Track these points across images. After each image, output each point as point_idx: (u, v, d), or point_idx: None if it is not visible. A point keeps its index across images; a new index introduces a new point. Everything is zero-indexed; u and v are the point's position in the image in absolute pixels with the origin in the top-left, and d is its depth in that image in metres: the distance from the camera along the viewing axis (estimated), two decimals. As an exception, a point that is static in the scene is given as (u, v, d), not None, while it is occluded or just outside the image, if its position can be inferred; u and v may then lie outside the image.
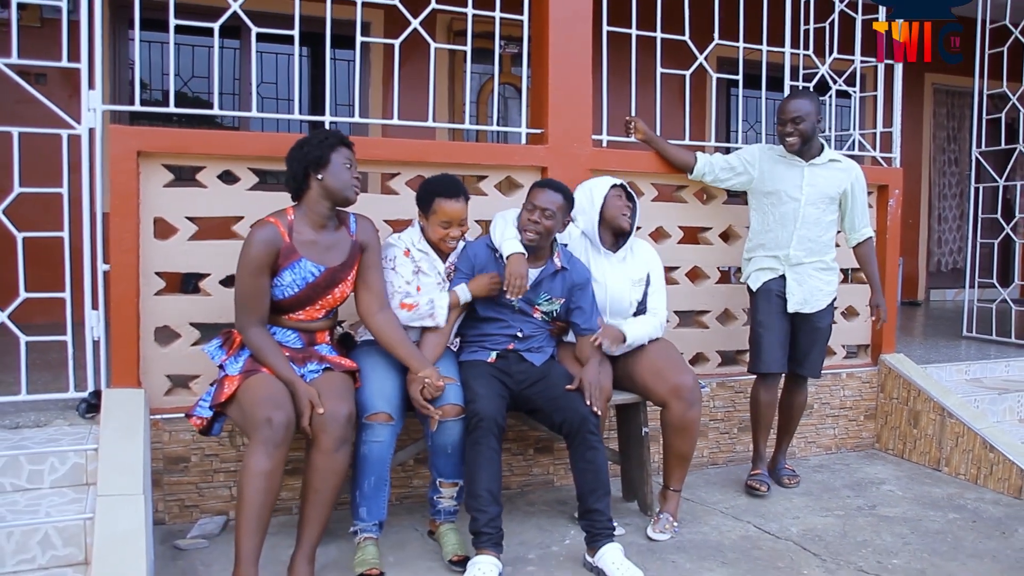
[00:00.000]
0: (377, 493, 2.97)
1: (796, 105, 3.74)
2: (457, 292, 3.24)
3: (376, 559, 2.93)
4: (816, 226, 3.84)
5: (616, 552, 2.95)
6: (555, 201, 3.23)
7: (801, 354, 3.95)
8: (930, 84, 8.88)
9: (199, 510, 3.42)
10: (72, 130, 3.20)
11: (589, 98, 4.01)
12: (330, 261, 2.96)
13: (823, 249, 3.89)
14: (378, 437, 2.91)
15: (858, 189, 3.91)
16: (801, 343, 3.94)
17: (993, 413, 4.64)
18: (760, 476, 3.97)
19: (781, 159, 3.89)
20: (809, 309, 3.87)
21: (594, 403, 3.11)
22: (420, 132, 4.31)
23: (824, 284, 3.90)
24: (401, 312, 3.15)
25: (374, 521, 2.99)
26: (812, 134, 3.76)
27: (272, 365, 2.81)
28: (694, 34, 4.26)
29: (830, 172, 3.87)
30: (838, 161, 3.90)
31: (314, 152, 2.90)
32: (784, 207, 3.85)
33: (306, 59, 6.70)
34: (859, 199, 3.92)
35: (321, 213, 2.96)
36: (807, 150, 3.82)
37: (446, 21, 6.49)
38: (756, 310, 3.94)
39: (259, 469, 2.60)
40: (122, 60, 6.13)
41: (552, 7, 3.90)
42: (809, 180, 3.83)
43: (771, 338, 3.86)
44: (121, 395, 3.20)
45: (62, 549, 2.69)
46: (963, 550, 3.33)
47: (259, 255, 2.84)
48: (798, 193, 3.82)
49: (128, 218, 3.24)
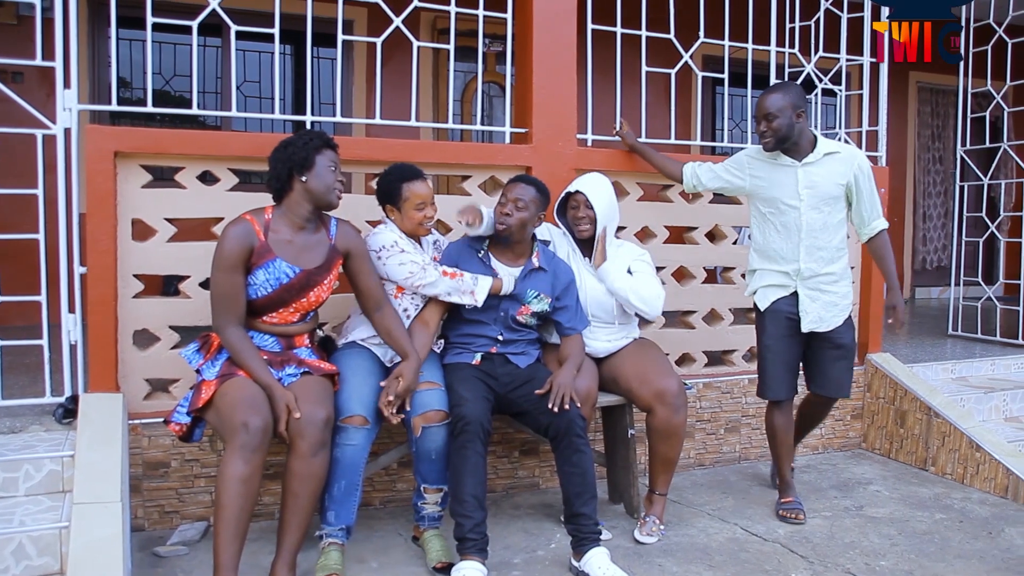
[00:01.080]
0: (347, 498, 2.91)
1: (768, 101, 3.38)
2: (503, 280, 3.22)
3: (339, 565, 2.87)
4: (824, 232, 3.48)
5: (602, 556, 2.92)
6: (527, 193, 3.22)
7: (821, 374, 3.64)
8: (915, 82, 8.90)
9: (179, 516, 3.37)
10: (47, 130, 3.15)
11: (574, 97, 3.98)
12: (306, 263, 2.92)
13: (835, 256, 3.52)
14: (352, 440, 2.87)
15: (862, 179, 3.49)
16: (822, 362, 3.62)
17: (979, 412, 4.64)
18: (791, 504, 3.64)
19: (773, 162, 3.54)
20: (826, 327, 3.53)
21: (555, 406, 3.05)
22: (404, 131, 4.27)
23: (839, 298, 3.54)
24: (444, 280, 3.12)
25: (341, 526, 2.92)
26: (789, 131, 3.39)
27: (249, 368, 2.77)
28: (679, 32, 4.23)
29: (827, 168, 3.48)
30: (835, 153, 3.50)
31: (299, 154, 2.86)
32: (784, 216, 3.50)
33: (288, 57, 6.63)
34: (865, 189, 3.51)
35: (301, 215, 2.91)
36: (796, 148, 3.47)
37: (429, 19, 6.46)
38: (763, 332, 3.63)
39: (236, 475, 2.56)
40: (101, 58, 6.04)
41: (536, 5, 3.87)
42: (805, 182, 3.46)
43: (778, 363, 3.57)
44: (99, 400, 3.15)
45: (37, 559, 2.64)
46: (950, 551, 3.32)
47: (232, 252, 2.80)
48: (796, 199, 3.47)
49: (105, 220, 3.19)
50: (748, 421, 4.47)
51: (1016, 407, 4.81)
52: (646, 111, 4.22)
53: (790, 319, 3.54)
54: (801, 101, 3.39)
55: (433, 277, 3.10)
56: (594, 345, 3.51)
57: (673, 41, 4.24)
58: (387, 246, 3.12)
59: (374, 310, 3.07)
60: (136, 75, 6.31)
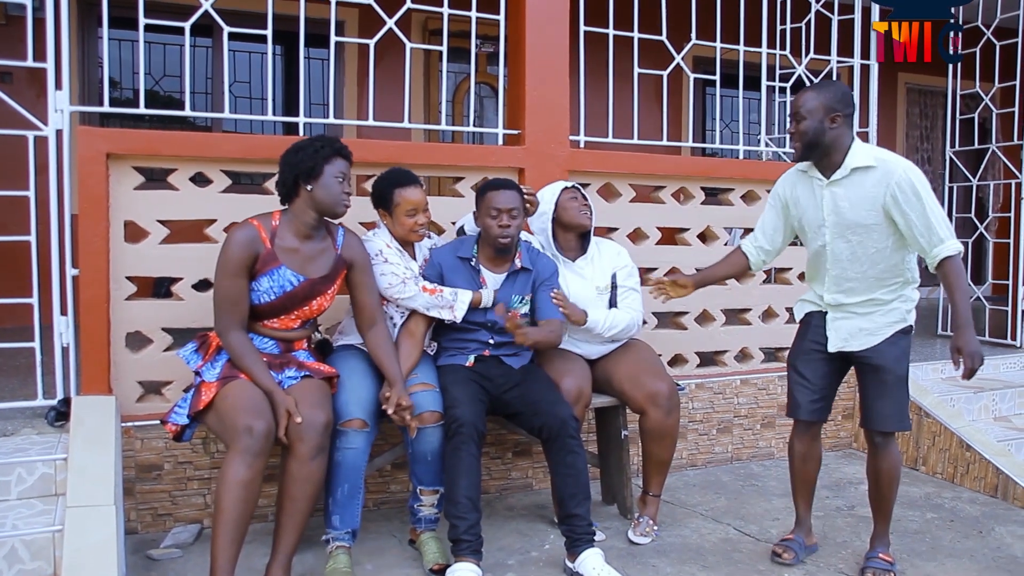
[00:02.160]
0: (350, 501, 2.92)
1: (800, 99, 2.91)
2: (483, 294, 3.21)
3: (348, 567, 2.88)
4: (854, 263, 2.95)
5: (596, 557, 2.92)
6: (515, 199, 3.22)
7: (865, 403, 3.06)
8: (903, 84, 8.94)
9: (172, 519, 3.36)
10: (39, 131, 3.14)
11: (566, 99, 3.98)
12: (311, 272, 2.90)
13: (874, 285, 2.97)
14: (352, 444, 2.87)
15: (904, 199, 2.79)
16: (864, 388, 3.07)
17: (969, 412, 4.66)
18: (787, 542, 3.23)
19: (805, 177, 3.06)
20: (857, 347, 3.01)
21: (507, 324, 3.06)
22: (396, 133, 4.27)
23: (869, 323, 2.99)
24: (422, 296, 3.11)
25: (347, 529, 2.93)
26: (817, 137, 2.87)
27: (251, 372, 2.76)
28: (671, 34, 4.25)
29: (857, 187, 2.88)
30: (869, 168, 2.86)
31: (307, 162, 2.83)
32: (814, 244, 3.06)
33: (279, 58, 6.62)
34: (913, 211, 2.80)
35: (307, 223, 2.89)
36: (827, 161, 2.92)
37: (421, 20, 6.44)
38: (793, 344, 3.24)
39: (238, 479, 2.54)
40: (91, 59, 6.02)
41: (529, 7, 3.87)
42: (830, 206, 2.94)
43: (797, 379, 3.16)
44: (91, 402, 3.14)
45: (30, 563, 2.63)
46: (941, 550, 3.34)
47: (236, 257, 2.78)
48: (820, 225, 2.99)
49: (98, 221, 3.18)
50: (740, 422, 4.49)
51: (1005, 407, 4.85)
52: (638, 112, 4.23)
53: (820, 333, 3.11)
54: (839, 103, 2.86)
55: (412, 292, 3.11)
56: (585, 347, 3.52)
57: (665, 43, 4.25)
58: (373, 254, 3.13)
59: (367, 327, 3.05)
60: (125, 75, 6.27)
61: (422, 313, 3.17)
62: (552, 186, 3.54)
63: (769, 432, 4.57)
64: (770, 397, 4.55)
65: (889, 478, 3.09)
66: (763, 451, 4.56)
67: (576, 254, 3.55)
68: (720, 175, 4.52)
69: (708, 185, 4.49)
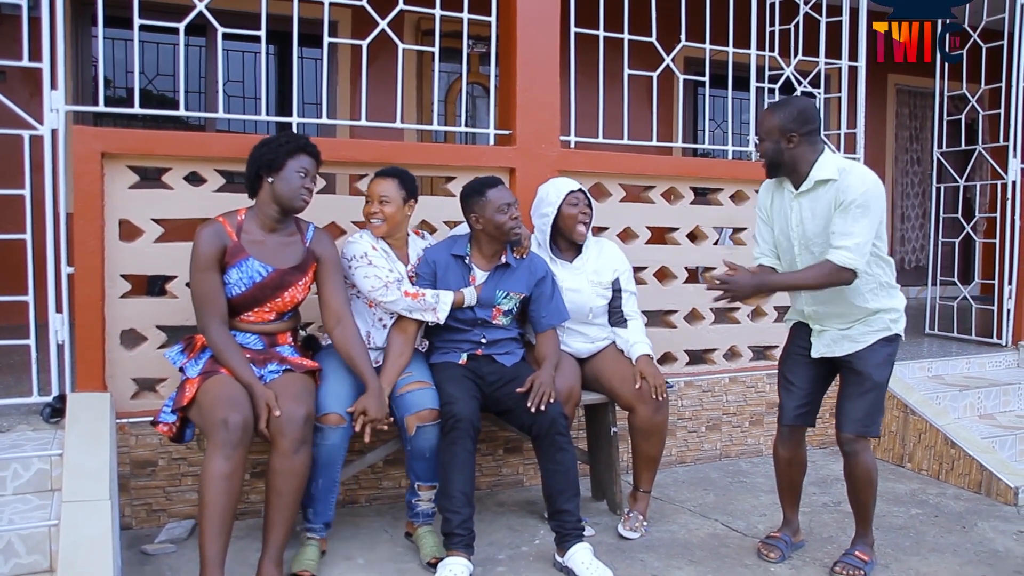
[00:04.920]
0: (325, 495, 2.98)
1: (760, 120, 2.96)
2: (464, 293, 3.24)
3: (314, 561, 2.94)
4: None
5: (586, 552, 2.96)
6: (510, 194, 3.29)
7: (837, 405, 3.08)
8: (893, 85, 9.00)
9: (167, 514, 3.39)
10: (34, 131, 3.16)
11: (557, 99, 4.02)
12: (279, 263, 2.96)
13: (845, 294, 2.93)
14: (328, 439, 2.92)
15: (844, 201, 2.79)
16: (841, 391, 3.08)
17: (954, 410, 4.72)
18: (773, 540, 3.26)
19: (780, 188, 3.05)
20: (840, 352, 3.02)
21: (534, 405, 3.07)
22: (388, 133, 4.30)
23: (852, 332, 3.01)
24: (404, 300, 3.14)
25: (320, 522, 3.00)
26: (776, 157, 2.91)
27: (231, 366, 2.81)
28: (661, 35, 4.29)
29: (819, 200, 2.89)
30: (830, 181, 2.85)
31: (268, 155, 2.91)
32: (787, 255, 3.06)
33: (273, 58, 6.64)
34: (842, 213, 2.79)
35: (270, 215, 2.97)
36: (793, 176, 2.93)
37: (414, 20, 6.47)
38: (783, 349, 3.28)
39: (218, 472, 2.59)
40: (85, 58, 6.03)
41: (520, 8, 3.91)
42: (797, 218, 2.95)
43: (787, 385, 3.19)
44: (86, 399, 3.17)
45: (26, 557, 2.65)
46: (925, 545, 3.39)
47: (204, 252, 2.86)
48: (790, 236, 3.00)
49: (92, 220, 3.21)
50: (729, 419, 4.53)
51: (990, 404, 4.90)
52: (629, 113, 4.27)
53: (805, 340, 3.14)
54: (794, 123, 2.85)
55: (394, 296, 3.14)
56: (575, 346, 3.56)
57: (655, 44, 4.29)
58: (357, 256, 3.17)
59: (333, 324, 3.05)
60: (118, 74, 6.29)
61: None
62: (558, 184, 3.54)
63: (757, 429, 4.62)
64: (758, 395, 4.60)
65: (863, 483, 3.10)
66: (751, 448, 4.61)
67: (572, 255, 3.59)
68: (709, 175, 4.57)
69: (697, 185, 4.53)
